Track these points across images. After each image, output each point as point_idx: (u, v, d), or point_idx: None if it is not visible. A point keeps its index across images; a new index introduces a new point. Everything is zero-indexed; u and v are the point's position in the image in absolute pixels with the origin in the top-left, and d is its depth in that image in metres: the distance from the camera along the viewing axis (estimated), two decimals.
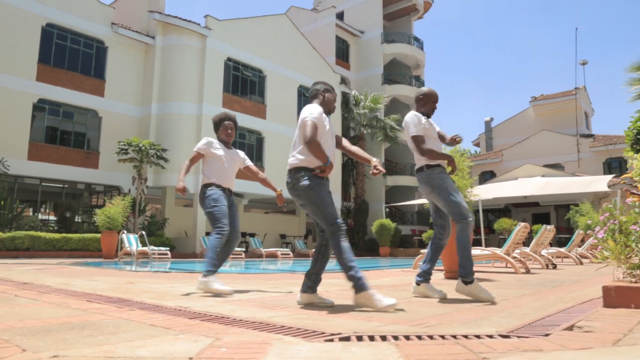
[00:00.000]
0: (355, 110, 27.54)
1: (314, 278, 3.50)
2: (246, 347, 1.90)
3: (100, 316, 2.76)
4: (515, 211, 29.00)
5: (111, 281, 5.39)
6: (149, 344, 1.96)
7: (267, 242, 23.07)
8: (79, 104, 18.38)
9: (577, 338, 2.09)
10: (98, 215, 13.94)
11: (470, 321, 2.68)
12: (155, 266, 10.03)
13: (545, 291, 4.54)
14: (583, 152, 30.33)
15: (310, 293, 3.45)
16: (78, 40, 18.60)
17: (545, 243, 10.06)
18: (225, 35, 21.21)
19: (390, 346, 1.92)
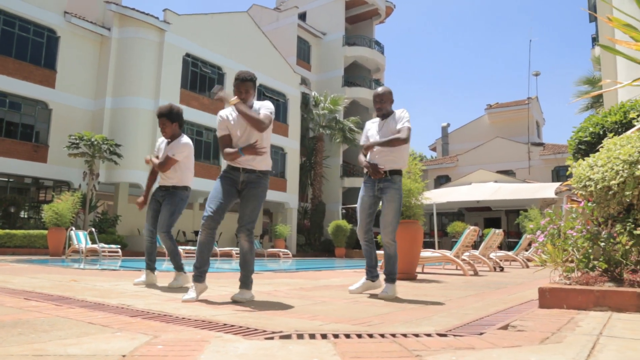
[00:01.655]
0: (314, 111, 27.65)
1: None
2: (183, 345, 1.88)
3: (36, 314, 2.67)
4: (469, 215, 29.79)
5: (54, 279, 5.21)
6: (83, 342, 1.91)
7: (222, 241, 22.80)
8: (28, 94, 17.63)
9: (508, 337, 2.17)
10: (45, 211, 13.41)
11: (412, 321, 2.74)
12: (105, 264, 9.75)
13: (488, 292, 4.69)
14: (534, 159, 31.48)
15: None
16: (27, 28, 17.84)
17: (493, 246, 10.39)
18: (184, 30, 20.85)
19: (327, 344, 1.94)
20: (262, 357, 1.68)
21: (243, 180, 3.60)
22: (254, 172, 3.60)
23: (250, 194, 3.60)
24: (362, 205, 4.27)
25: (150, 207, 4.77)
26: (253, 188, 3.60)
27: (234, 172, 3.61)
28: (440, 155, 39.77)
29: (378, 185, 4.16)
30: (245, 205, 3.59)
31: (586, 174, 3.67)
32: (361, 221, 4.27)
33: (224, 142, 3.68)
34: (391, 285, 4.05)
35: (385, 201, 4.13)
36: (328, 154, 28.70)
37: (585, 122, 5.30)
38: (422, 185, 6.84)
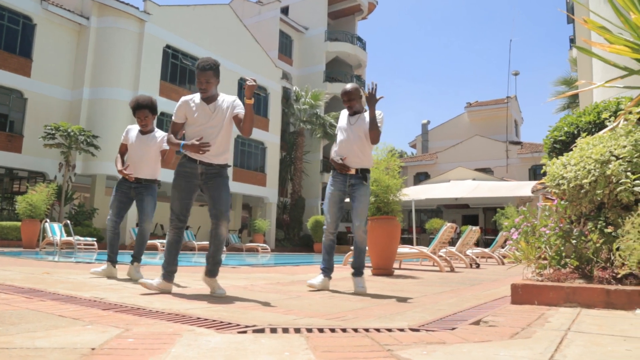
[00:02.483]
0: (295, 105, 27.58)
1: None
2: (154, 338, 1.86)
3: (5, 307, 2.62)
4: (447, 212, 30.11)
5: (26, 271, 5.11)
6: (52, 335, 1.88)
7: (201, 235, 22.65)
8: (2, 83, 17.19)
9: (479, 332, 2.20)
10: (19, 203, 13.15)
11: (386, 316, 2.76)
12: (80, 257, 9.60)
13: (463, 289, 4.75)
14: (511, 158, 31.95)
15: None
16: (2, 15, 17.38)
17: (470, 243, 10.52)
18: (164, 21, 20.57)
19: (300, 338, 1.95)
20: (233, 351, 1.68)
21: (202, 172, 3.54)
22: (211, 166, 3.56)
23: (218, 183, 3.56)
24: (333, 199, 4.25)
25: (116, 198, 4.73)
26: (218, 177, 3.57)
27: (191, 164, 3.54)
28: (420, 152, 40.09)
29: (349, 181, 4.19)
30: (219, 195, 3.55)
31: (560, 172, 3.74)
32: (332, 215, 4.26)
33: (174, 129, 3.61)
34: (362, 278, 4.12)
35: (358, 196, 4.18)
36: (308, 149, 28.69)
37: (560, 122, 5.40)
38: (400, 181, 6.88)
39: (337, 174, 4.26)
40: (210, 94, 3.56)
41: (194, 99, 3.59)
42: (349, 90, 4.31)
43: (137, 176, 4.70)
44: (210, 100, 3.58)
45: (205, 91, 3.53)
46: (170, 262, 3.56)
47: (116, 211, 4.72)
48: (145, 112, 4.62)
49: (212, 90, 3.57)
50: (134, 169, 4.69)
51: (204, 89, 3.52)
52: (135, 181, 4.71)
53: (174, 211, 3.55)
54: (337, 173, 4.25)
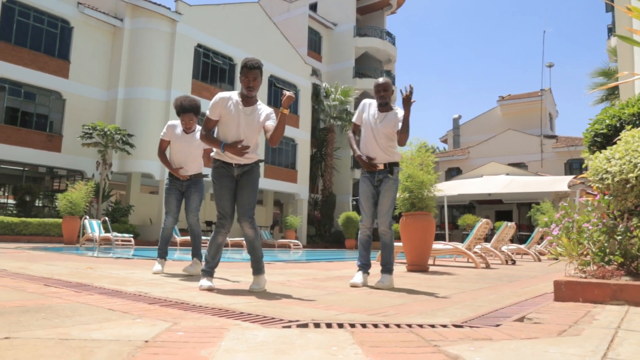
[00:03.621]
0: (325, 102, 27.57)
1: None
2: (203, 332, 1.90)
3: (57, 300, 2.72)
4: (480, 208, 29.66)
5: (71, 266, 5.29)
6: (105, 327, 1.95)
7: (233, 231, 22.93)
8: (42, 84, 17.78)
9: (525, 329, 2.17)
10: (60, 200, 13.58)
11: (427, 312, 2.75)
12: (118, 253, 9.86)
13: (501, 285, 4.68)
14: (546, 152, 31.21)
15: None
16: (41, 19, 17.96)
17: (505, 239, 10.34)
18: (195, 21, 20.86)
19: (345, 333, 1.96)
20: (281, 345, 1.71)
21: (238, 174, 3.60)
22: (246, 165, 3.61)
23: (245, 181, 3.59)
24: (365, 195, 4.23)
25: (173, 197, 4.88)
26: (248, 175, 3.61)
27: (228, 167, 3.59)
28: (452, 148, 39.55)
29: (377, 176, 4.16)
30: (242, 193, 3.58)
31: (603, 166, 3.64)
32: (367, 210, 4.23)
33: (208, 126, 3.59)
34: (388, 276, 4.08)
35: (383, 191, 4.15)
36: (339, 145, 28.66)
37: (601, 114, 5.24)
38: (435, 177, 6.82)
39: (365, 172, 4.26)
40: (255, 94, 3.58)
41: (232, 98, 3.59)
42: (384, 82, 4.26)
43: (185, 173, 4.86)
44: (249, 103, 3.58)
45: (252, 89, 3.53)
46: (216, 262, 3.63)
47: (174, 210, 4.87)
48: (190, 116, 4.77)
49: (257, 90, 3.59)
50: (181, 166, 4.84)
51: (252, 87, 3.52)
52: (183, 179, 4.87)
53: (223, 214, 3.59)
54: (365, 171, 4.26)
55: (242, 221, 3.58)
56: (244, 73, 3.51)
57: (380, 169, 4.16)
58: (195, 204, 4.89)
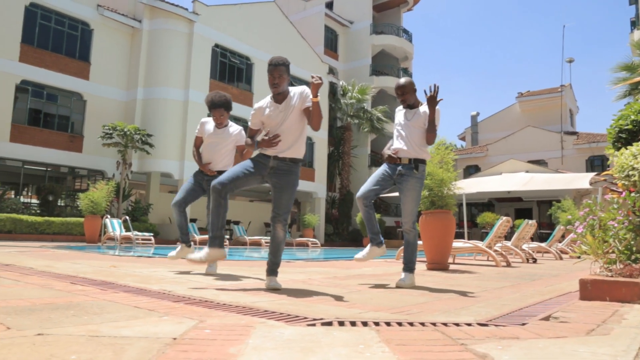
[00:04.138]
0: (342, 100, 27.53)
1: None
2: (230, 330, 1.92)
3: (84, 297, 2.77)
4: (499, 206, 29.35)
5: (94, 264, 5.37)
6: (133, 325, 1.98)
7: (251, 230, 23.08)
8: (63, 86, 18.09)
9: (552, 328, 2.15)
10: (81, 200, 13.81)
11: (450, 310, 2.73)
12: (139, 251, 9.98)
13: (524, 284, 4.63)
14: (567, 149, 30.75)
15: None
16: (62, 22, 18.27)
17: (526, 238, 10.22)
18: (213, 21, 21.00)
19: (371, 331, 1.96)
20: (308, 343, 1.71)
21: (272, 167, 3.55)
22: (284, 160, 3.58)
23: (284, 182, 3.57)
24: (376, 173, 4.17)
25: (189, 184, 4.89)
26: (286, 176, 3.57)
27: (264, 158, 3.58)
28: (470, 145, 39.19)
29: (399, 170, 4.10)
30: (281, 195, 3.57)
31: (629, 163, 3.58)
32: (368, 184, 4.12)
33: (251, 134, 3.70)
34: (410, 274, 4.04)
35: (406, 189, 4.07)
36: (356, 143, 28.61)
37: (626, 110, 5.14)
38: (455, 174, 6.77)
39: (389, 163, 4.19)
40: (281, 90, 3.57)
41: (266, 101, 3.64)
42: (403, 84, 4.24)
43: (212, 168, 4.85)
44: (281, 99, 3.59)
45: (277, 86, 3.54)
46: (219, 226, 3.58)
47: (183, 195, 4.85)
48: (220, 111, 4.76)
49: (284, 87, 3.58)
50: (209, 161, 4.84)
51: (276, 83, 3.53)
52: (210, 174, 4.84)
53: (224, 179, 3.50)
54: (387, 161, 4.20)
55: (277, 222, 3.57)
56: (269, 71, 3.54)
57: (404, 163, 4.10)
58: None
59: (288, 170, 3.58)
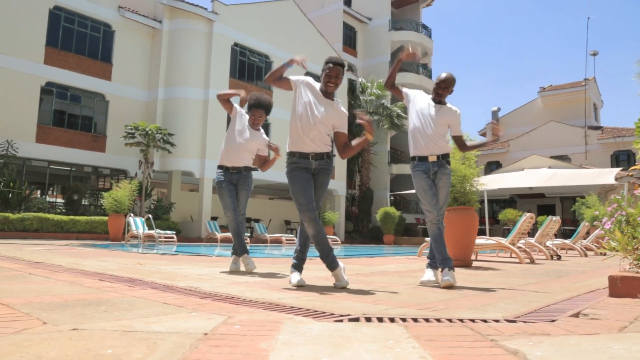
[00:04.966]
0: (361, 97, 27.45)
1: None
2: (259, 325, 1.94)
3: (114, 294, 2.82)
4: (521, 202, 28.96)
5: (120, 262, 5.47)
6: (164, 320, 2.01)
7: (272, 227, 23.19)
8: (87, 87, 18.41)
9: (583, 324, 2.12)
10: (105, 198, 14.04)
11: (476, 307, 2.72)
12: (162, 249, 10.12)
13: (550, 281, 4.57)
14: (591, 144, 30.16)
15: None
16: (85, 24, 18.58)
17: (550, 234, 10.08)
18: (232, 20, 21.12)
19: (399, 327, 1.96)
20: (338, 339, 1.72)
21: (315, 167, 3.61)
22: (322, 158, 3.62)
23: (322, 181, 3.66)
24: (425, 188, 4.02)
25: (226, 191, 4.75)
26: (325, 175, 3.66)
27: (304, 160, 3.59)
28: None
29: (432, 169, 4.08)
30: (316, 192, 3.65)
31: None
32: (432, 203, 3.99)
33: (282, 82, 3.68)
34: (452, 272, 3.86)
35: (440, 186, 4.06)
36: (375, 140, 28.48)
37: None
38: (477, 170, 6.71)
39: (419, 164, 4.09)
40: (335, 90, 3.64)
41: (312, 83, 3.68)
42: (450, 79, 4.12)
43: (237, 165, 4.81)
44: (329, 96, 3.65)
45: (334, 86, 3.59)
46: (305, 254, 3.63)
47: (231, 202, 4.72)
48: (261, 112, 4.77)
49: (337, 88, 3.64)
50: (236, 156, 4.79)
51: (334, 83, 3.57)
52: (235, 170, 4.81)
53: (301, 204, 3.51)
54: (419, 164, 4.09)
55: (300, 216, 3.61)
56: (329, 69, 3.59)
57: (433, 160, 4.06)
58: (243, 202, 4.84)
59: (327, 169, 3.67)
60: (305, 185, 3.53)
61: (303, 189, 3.52)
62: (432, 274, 3.98)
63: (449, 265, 3.83)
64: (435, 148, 4.07)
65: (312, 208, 3.48)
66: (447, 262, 3.85)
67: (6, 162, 15.28)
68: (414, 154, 4.14)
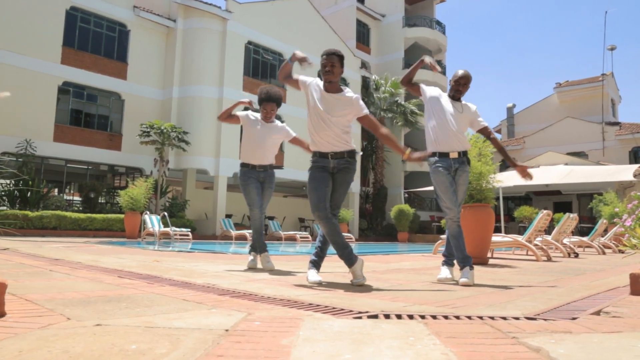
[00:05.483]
0: (375, 94, 27.35)
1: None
2: (279, 322, 1.95)
3: (134, 290, 2.85)
4: (537, 199, 28.67)
5: (138, 259, 5.53)
6: (184, 317, 2.03)
7: (286, 225, 23.24)
8: (103, 86, 18.61)
9: (605, 322, 2.10)
10: (121, 196, 14.19)
11: (495, 304, 2.70)
12: (178, 246, 10.21)
13: (568, 278, 4.53)
14: (608, 140, 29.75)
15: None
16: (101, 24, 18.77)
17: (567, 232, 9.96)
18: (245, 18, 21.18)
19: (419, 324, 1.96)
20: (358, 335, 1.72)
21: (334, 167, 3.58)
22: (343, 157, 3.58)
23: (341, 179, 3.60)
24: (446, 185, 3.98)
25: (252, 187, 4.72)
26: (345, 173, 3.60)
27: (323, 160, 3.58)
28: (506, 138, 38.34)
29: (454, 166, 4.04)
30: (336, 190, 3.60)
31: None
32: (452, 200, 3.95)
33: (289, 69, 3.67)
34: (471, 271, 3.83)
35: (461, 184, 4.06)
36: None
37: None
38: (494, 167, 6.66)
39: (439, 161, 4.05)
40: (335, 80, 3.56)
41: (318, 84, 3.63)
42: (469, 75, 4.14)
43: (262, 163, 4.79)
44: (333, 89, 3.58)
45: (329, 73, 3.51)
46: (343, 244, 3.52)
47: (257, 199, 4.71)
48: (272, 105, 4.73)
49: (337, 78, 3.56)
50: (261, 153, 4.76)
51: (330, 72, 3.51)
52: (262, 168, 4.79)
53: (312, 202, 3.50)
54: (440, 158, 4.05)
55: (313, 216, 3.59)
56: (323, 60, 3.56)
57: (455, 157, 4.04)
58: (266, 200, 4.83)
59: (348, 168, 3.60)
60: (318, 184, 3.51)
61: (315, 188, 3.51)
62: (448, 272, 3.97)
63: (468, 264, 3.82)
64: (457, 144, 4.05)
65: (322, 207, 3.46)
66: (467, 260, 3.83)
67: (25, 161, 15.51)
68: (434, 149, 4.09)
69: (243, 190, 4.76)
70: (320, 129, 3.55)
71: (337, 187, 3.62)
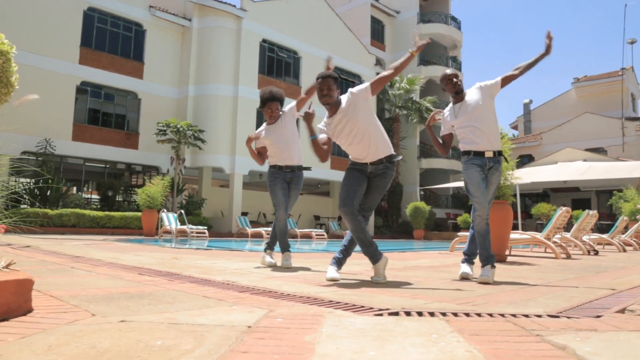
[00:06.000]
0: (390, 91, 27.22)
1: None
2: (300, 319, 1.96)
3: (155, 287, 2.89)
4: (554, 196, 28.32)
5: (157, 256, 5.58)
6: (207, 313, 2.05)
7: (302, 222, 23.28)
8: (120, 86, 18.83)
9: (631, 320, 2.07)
10: (139, 195, 14.35)
11: (516, 302, 2.68)
12: (195, 244, 10.28)
13: (589, 276, 4.47)
14: (628, 135, 29.24)
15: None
16: (117, 24, 18.98)
17: (586, 229, 9.83)
18: (260, 16, 21.23)
19: (440, 321, 1.95)
20: (380, 332, 1.72)
21: (371, 172, 3.58)
22: (381, 162, 3.57)
23: (377, 183, 3.59)
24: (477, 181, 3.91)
25: (279, 188, 4.69)
26: (381, 178, 3.59)
27: (360, 165, 3.59)
28: (523, 134, 37.92)
29: (488, 164, 3.98)
30: (370, 193, 3.61)
31: None
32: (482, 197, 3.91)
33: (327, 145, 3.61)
34: (493, 269, 3.79)
35: (492, 182, 4.02)
36: (404, 134, 28.27)
37: None
38: (512, 164, 6.60)
39: (474, 159, 3.98)
40: (333, 101, 3.53)
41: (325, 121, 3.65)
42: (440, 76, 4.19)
43: (291, 164, 4.76)
44: (335, 109, 3.56)
45: (327, 97, 3.51)
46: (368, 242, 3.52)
47: (283, 200, 4.69)
48: (277, 104, 4.73)
49: (334, 98, 3.54)
50: (288, 154, 4.74)
51: (326, 94, 3.50)
52: (289, 169, 4.77)
53: (340, 197, 3.51)
54: (474, 158, 3.98)
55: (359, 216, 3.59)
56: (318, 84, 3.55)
57: (489, 156, 3.97)
58: (292, 201, 4.81)
59: (384, 174, 3.60)
60: (350, 182, 3.54)
61: (346, 185, 3.55)
62: (468, 269, 3.95)
63: (491, 262, 3.81)
64: (495, 143, 4.01)
65: (349, 203, 3.46)
66: (491, 259, 3.82)
67: (45, 160, 15.76)
68: (468, 149, 4.03)
69: (270, 190, 4.75)
70: (349, 145, 3.59)
71: (371, 190, 3.61)
